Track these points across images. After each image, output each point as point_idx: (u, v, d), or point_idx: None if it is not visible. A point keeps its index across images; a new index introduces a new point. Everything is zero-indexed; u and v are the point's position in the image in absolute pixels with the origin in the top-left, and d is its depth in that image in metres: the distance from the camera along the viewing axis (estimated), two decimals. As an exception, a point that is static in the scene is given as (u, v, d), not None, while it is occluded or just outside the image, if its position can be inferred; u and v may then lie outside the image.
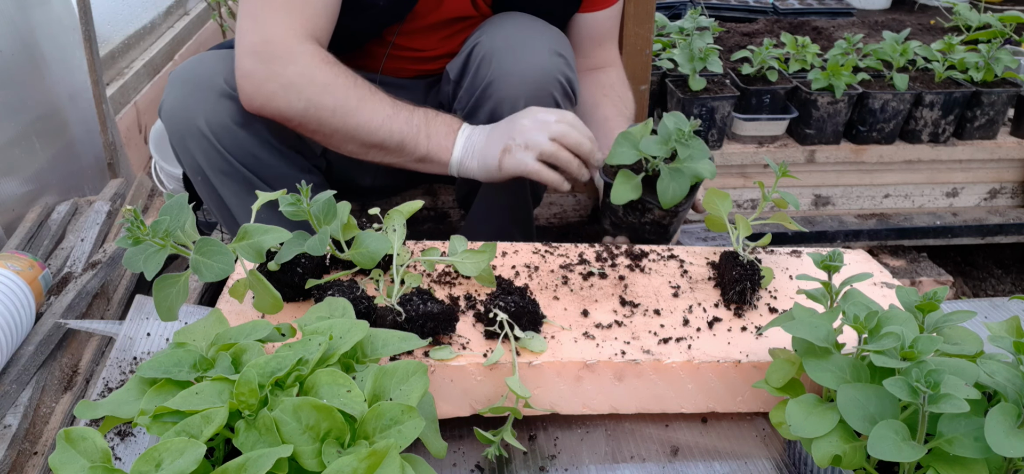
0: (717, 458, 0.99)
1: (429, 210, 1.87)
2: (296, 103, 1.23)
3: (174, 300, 0.90)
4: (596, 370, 0.98)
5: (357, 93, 1.25)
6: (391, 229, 1.06)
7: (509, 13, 1.45)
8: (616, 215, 1.32)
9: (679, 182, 1.21)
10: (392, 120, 1.26)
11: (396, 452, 0.66)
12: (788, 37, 2.16)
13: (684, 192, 1.21)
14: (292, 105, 1.23)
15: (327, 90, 1.23)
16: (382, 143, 1.27)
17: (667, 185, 1.21)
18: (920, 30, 3.09)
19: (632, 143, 1.24)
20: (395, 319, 0.95)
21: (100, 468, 0.66)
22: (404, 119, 1.27)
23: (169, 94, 1.32)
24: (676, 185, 1.21)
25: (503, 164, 1.26)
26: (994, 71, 2.02)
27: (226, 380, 0.74)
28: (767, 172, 2.02)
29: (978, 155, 2.08)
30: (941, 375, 0.72)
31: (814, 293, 0.99)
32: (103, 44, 2.19)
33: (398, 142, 1.27)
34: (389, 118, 1.26)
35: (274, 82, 1.22)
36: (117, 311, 1.41)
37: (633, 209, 1.29)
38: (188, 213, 0.89)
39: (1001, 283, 2.26)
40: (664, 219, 1.29)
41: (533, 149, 1.24)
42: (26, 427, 1.10)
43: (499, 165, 1.26)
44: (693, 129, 1.21)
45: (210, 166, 1.34)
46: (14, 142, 1.69)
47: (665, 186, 1.21)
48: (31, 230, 1.59)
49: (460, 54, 1.46)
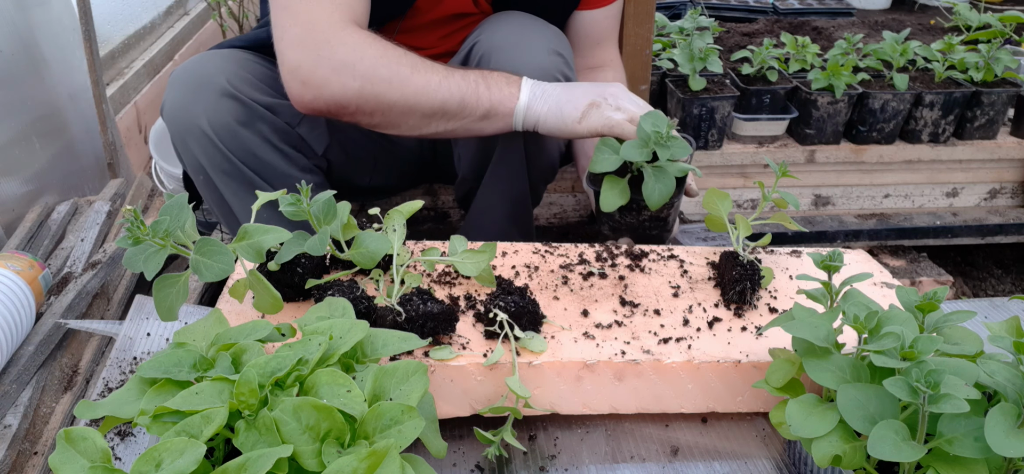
0: (717, 458, 0.99)
1: (429, 210, 1.87)
2: (351, 83, 1.19)
3: (174, 300, 0.90)
4: (596, 370, 0.98)
5: (409, 60, 1.21)
6: (391, 229, 1.06)
7: (508, 12, 1.45)
8: (613, 219, 1.32)
9: (664, 182, 1.21)
10: (448, 79, 1.22)
11: (396, 452, 0.66)
12: (788, 37, 2.16)
13: (670, 190, 1.21)
14: (347, 86, 1.19)
15: (380, 62, 1.19)
16: (442, 105, 1.23)
17: (652, 187, 1.21)
18: (920, 30, 3.09)
19: (613, 149, 1.23)
20: (395, 319, 0.95)
21: (100, 468, 0.66)
22: (459, 76, 1.23)
23: (170, 94, 1.32)
24: (661, 185, 1.21)
25: (588, 116, 1.23)
26: (994, 71, 2.02)
27: (226, 380, 0.74)
28: (767, 172, 2.02)
29: (978, 155, 2.08)
30: (941, 375, 0.72)
31: (814, 293, 0.99)
32: (103, 44, 2.19)
33: (458, 101, 1.23)
34: (445, 77, 1.22)
35: (325, 66, 1.18)
36: (117, 311, 1.41)
37: (627, 210, 1.29)
38: (188, 213, 0.89)
39: (1001, 283, 2.26)
40: (661, 212, 1.29)
41: (625, 113, 1.23)
42: (26, 427, 1.10)
43: (582, 115, 1.23)
44: (671, 128, 1.21)
45: (212, 166, 1.34)
46: (14, 142, 1.69)
47: (651, 188, 1.21)
48: (31, 230, 1.59)
49: (459, 53, 1.46)
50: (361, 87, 1.19)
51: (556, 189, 1.89)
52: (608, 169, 1.23)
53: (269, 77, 1.40)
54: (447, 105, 1.23)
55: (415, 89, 1.21)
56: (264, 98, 1.34)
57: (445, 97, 1.23)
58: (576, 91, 1.25)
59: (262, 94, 1.34)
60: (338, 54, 1.18)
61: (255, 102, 1.32)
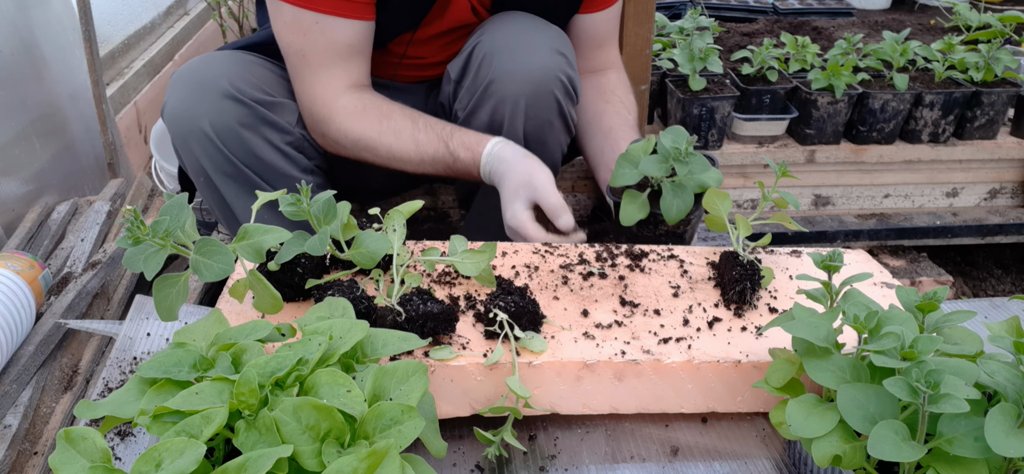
0: (717, 458, 0.99)
1: (429, 210, 1.87)
2: (345, 148, 1.40)
3: (174, 300, 0.90)
4: (596, 370, 0.98)
5: (385, 143, 1.38)
6: (391, 229, 1.06)
7: (510, 13, 1.45)
8: (630, 233, 1.32)
9: (683, 197, 1.21)
10: (421, 166, 1.39)
11: (396, 452, 0.66)
12: (788, 37, 2.16)
13: (688, 206, 1.21)
14: (344, 149, 1.41)
15: (360, 144, 1.38)
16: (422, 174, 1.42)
17: (670, 202, 1.21)
18: (920, 30, 3.09)
19: (633, 163, 1.24)
20: (395, 319, 0.95)
21: (100, 468, 0.66)
22: (430, 165, 1.39)
23: (172, 95, 1.32)
24: (680, 201, 1.21)
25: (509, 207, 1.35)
26: (994, 71, 2.02)
27: (226, 380, 0.74)
28: (767, 172, 2.02)
29: (978, 155, 2.08)
30: (941, 375, 0.72)
31: (814, 293, 0.99)
32: (103, 44, 2.19)
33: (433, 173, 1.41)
34: (418, 165, 1.39)
35: (325, 138, 1.41)
36: (117, 311, 1.41)
37: (645, 225, 1.29)
38: (188, 213, 0.89)
39: (1001, 283, 2.26)
40: (678, 228, 1.29)
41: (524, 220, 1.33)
42: (26, 427, 1.10)
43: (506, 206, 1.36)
44: (691, 145, 1.21)
45: (213, 167, 1.34)
46: (14, 142, 1.69)
47: (669, 203, 1.22)
48: (31, 230, 1.59)
49: (461, 54, 1.46)
50: (354, 153, 1.41)
51: (556, 189, 1.89)
52: (628, 183, 1.24)
53: (271, 79, 1.40)
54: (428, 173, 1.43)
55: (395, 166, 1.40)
56: (266, 99, 1.34)
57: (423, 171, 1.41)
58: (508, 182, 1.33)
59: (264, 95, 1.34)
60: (330, 131, 1.39)
61: (257, 104, 1.32)
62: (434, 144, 1.36)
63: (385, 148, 1.37)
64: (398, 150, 1.37)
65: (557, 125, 1.41)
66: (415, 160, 1.38)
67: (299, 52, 1.34)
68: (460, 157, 1.36)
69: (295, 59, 1.35)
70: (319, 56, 1.33)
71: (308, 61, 1.34)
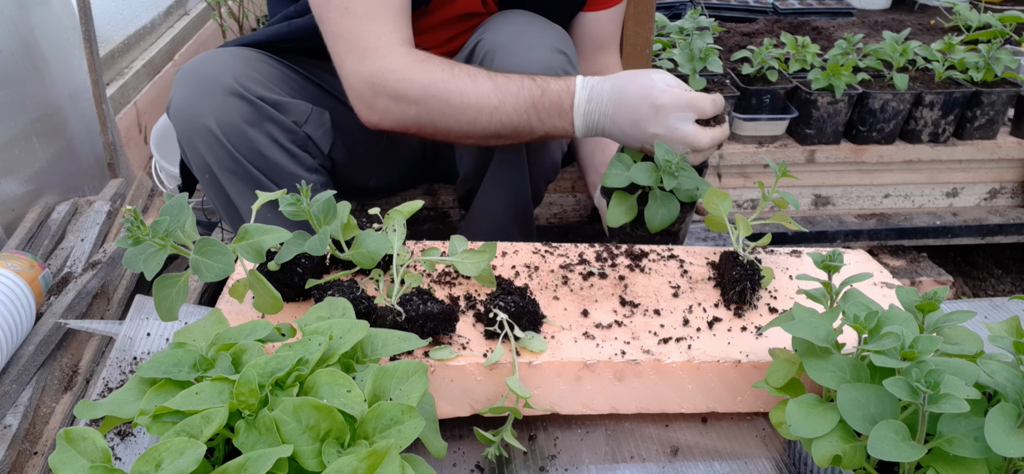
0: (717, 458, 0.99)
1: (429, 210, 1.87)
2: (408, 110, 1.25)
3: (174, 300, 0.90)
4: (596, 370, 0.98)
5: (458, 86, 1.23)
6: (391, 229, 1.06)
7: (513, 11, 1.45)
8: (623, 233, 1.32)
9: (668, 207, 1.22)
10: (499, 111, 1.24)
11: (396, 452, 0.66)
12: (788, 37, 2.16)
13: (673, 216, 1.23)
14: (406, 114, 1.25)
15: (429, 90, 1.23)
16: (496, 133, 1.27)
17: (655, 211, 1.23)
18: (920, 30, 3.09)
19: (626, 165, 1.24)
20: (395, 319, 0.95)
21: (100, 468, 0.66)
22: (511, 108, 1.24)
23: (177, 91, 1.32)
24: (664, 210, 1.23)
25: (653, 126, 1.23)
26: (994, 71, 2.02)
27: (226, 380, 0.74)
28: (767, 172, 2.02)
29: (978, 155, 2.08)
30: (941, 375, 0.72)
31: (814, 293, 0.99)
32: (103, 44, 2.19)
33: (511, 131, 1.27)
34: (495, 109, 1.24)
35: (383, 97, 1.24)
36: (117, 311, 1.41)
37: (638, 224, 1.29)
38: (188, 213, 0.89)
39: (1001, 283, 2.26)
40: (673, 227, 1.30)
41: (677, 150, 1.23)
42: (26, 427, 1.10)
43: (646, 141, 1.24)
44: (683, 160, 1.21)
45: (218, 164, 1.34)
46: (14, 142, 1.69)
47: (653, 212, 1.23)
48: (31, 230, 1.59)
49: (463, 50, 1.46)
50: (417, 115, 1.25)
51: (556, 189, 1.89)
52: (618, 185, 1.24)
53: (276, 76, 1.40)
54: (502, 133, 1.27)
55: (468, 119, 1.25)
56: (271, 97, 1.34)
57: (497, 128, 1.26)
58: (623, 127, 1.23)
59: (269, 93, 1.34)
60: (391, 84, 1.23)
61: (263, 101, 1.32)
62: (516, 80, 1.25)
63: (458, 93, 1.23)
64: (473, 93, 1.23)
65: (558, 125, 1.41)
66: (494, 102, 1.23)
67: (341, 6, 1.24)
68: (550, 86, 1.25)
69: (336, 16, 1.25)
70: (364, 7, 1.24)
71: (352, 12, 1.24)
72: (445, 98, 1.23)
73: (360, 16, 1.24)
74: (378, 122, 1.28)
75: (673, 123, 1.20)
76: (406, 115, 1.25)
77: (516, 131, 1.27)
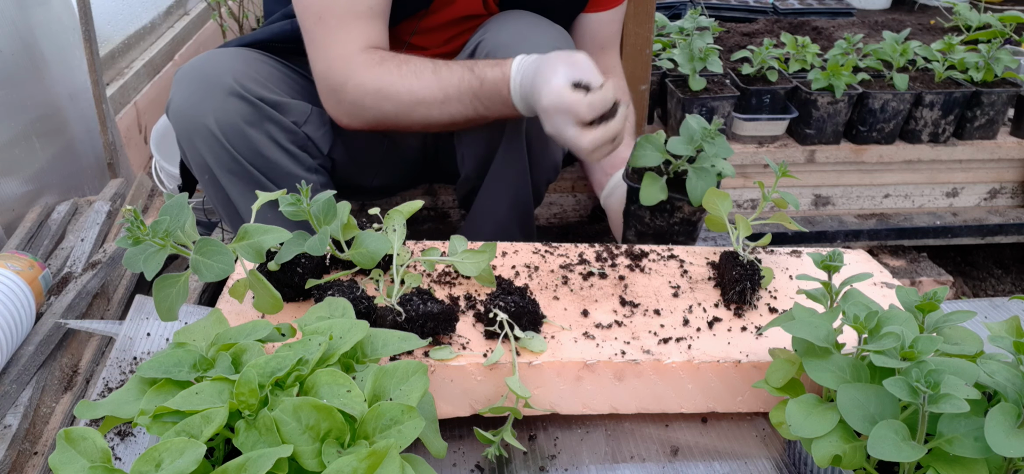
0: (717, 458, 0.99)
1: (429, 210, 1.87)
2: (367, 114, 1.32)
3: (174, 300, 0.90)
4: (596, 370, 0.98)
5: (406, 86, 1.29)
6: (391, 229, 1.06)
7: (514, 11, 1.46)
8: (642, 222, 1.33)
9: (706, 179, 1.24)
10: (446, 105, 1.30)
11: (396, 452, 0.66)
12: (788, 37, 2.16)
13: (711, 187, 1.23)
14: (366, 118, 1.33)
15: (380, 94, 1.29)
16: (451, 121, 1.32)
17: (695, 183, 1.24)
18: (920, 30, 3.09)
19: (655, 146, 1.26)
20: (395, 319, 0.95)
21: (100, 468, 0.66)
22: (456, 100, 1.29)
23: (177, 91, 1.32)
24: (703, 182, 1.24)
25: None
26: (994, 71, 2.02)
27: (226, 380, 0.74)
28: (767, 172, 2.02)
29: (978, 155, 2.08)
30: (941, 375, 0.72)
31: (814, 293, 0.99)
32: (103, 44, 2.19)
33: (464, 120, 1.32)
34: (443, 104, 1.30)
35: (345, 103, 1.32)
36: (117, 311, 1.41)
37: (661, 211, 1.31)
38: (188, 213, 0.89)
39: (1001, 283, 2.25)
40: (693, 216, 1.31)
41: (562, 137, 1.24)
42: (26, 427, 1.10)
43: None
44: (716, 128, 1.24)
45: (217, 164, 1.34)
46: (14, 142, 1.69)
47: (693, 184, 1.24)
48: (31, 230, 1.59)
49: (464, 51, 1.46)
50: (376, 116, 1.32)
51: (556, 189, 1.89)
52: (649, 164, 1.26)
53: (276, 76, 1.40)
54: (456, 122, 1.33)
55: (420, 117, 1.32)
56: (271, 97, 1.34)
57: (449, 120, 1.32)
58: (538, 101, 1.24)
59: (269, 93, 1.34)
60: (348, 91, 1.30)
61: (262, 101, 1.32)
62: (458, 73, 1.29)
63: (407, 91, 1.29)
64: (420, 90, 1.29)
65: (558, 124, 1.41)
66: (439, 97, 1.29)
67: (316, 14, 1.29)
68: (487, 76, 1.28)
69: (312, 22, 1.30)
70: (338, 16, 1.28)
71: (325, 22, 1.28)
72: (395, 98, 1.29)
73: (332, 27, 1.29)
74: (347, 124, 1.36)
75: (557, 123, 1.21)
76: (367, 116, 1.32)
77: (468, 119, 1.32)
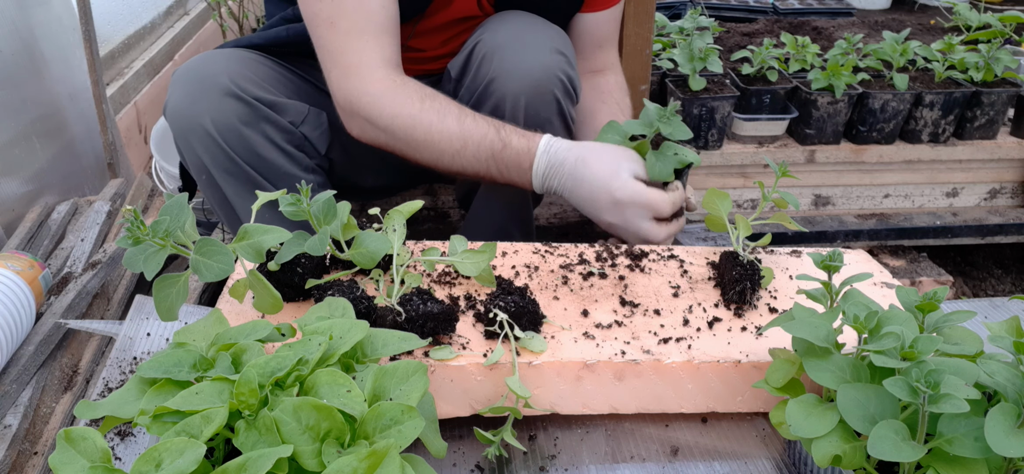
0: (717, 458, 0.99)
1: (429, 210, 1.87)
2: (379, 135, 1.30)
3: (174, 300, 0.90)
4: (596, 370, 0.98)
5: (424, 123, 1.27)
6: (391, 229, 1.06)
7: (511, 12, 1.45)
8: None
9: (664, 162, 1.27)
10: (461, 155, 1.28)
11: (396, 452, 0.66)
12: (788, 37, 2.16)
13: (669, 171, 1.27)
14: (377, 137, 1.31)
15: (396, 121, 1.27)
16: (460, 172, 1.31)
17: (654, 163, 1.27)
18: (920, 30, 3.09)
19: (618, 131, 1.32)
20: (395, 319, 0.95)
21: (100, 468, 0.66)
22: (472, 155, 1.27)
23: (174, 92, 1.32)
24: (662, 164, 1.27)
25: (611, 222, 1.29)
26: (994, 71, 2.02)
27: (226, 380, 0.74)
28: (767, 172, 2.02)
29: (978, 155, 2.08)
30: (941, 375, 0.72)
31: (814, 293, 0.99)
32: (103, 44, 2.19)
33: (473, 174, 1.31)
34: (457, 154, 1.27)
35: (358, 116, 1.30)
36: (117, 311, 1.41)
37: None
38: (188, 213, 0.89)
39: (1001, 283, 2.25)
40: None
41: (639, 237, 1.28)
42: (26, 427, 1.10)
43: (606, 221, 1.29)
44: (674, 110, 1.27)
45: (215, 165, 1.34)
46: (14, 142, 1.69)
47: (652, 164, 1.28)
48: (31, 230, 1.59)
49: (461, 52, 1.46)
50: (386, 141, 1.31)
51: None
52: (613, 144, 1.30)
53: (272, 77, 1.40)
54: (465, 173, 1.32)
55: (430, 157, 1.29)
56: (268, 97, 1.34)
57: (459, 171, 1.31)
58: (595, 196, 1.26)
59: (266, 94, 1.34)
60: (364, 108, 1.28)
61: (259, 102, 1.32)
62: (483, 127, 1.27)
63: (423, 130, 1.26)
64: (438, 133, 1.26)
65: (557, 124, 1.42)
66: (457, 143, 1.26)
67: (327, 20, 1.27)
68: (512, 141, 1.26)
69: (323, 30, 1.28)
70: (349, 22, 1.26)
71: (337, 27, 1.27)
72: (410, 133, 1.27)
73: (344, 31, 1.27)
74: (358, 136, 1.34)
75: (630, 217, 1.25)
76: (377, 138, 1.31)
77: (478, 175, 1.31)
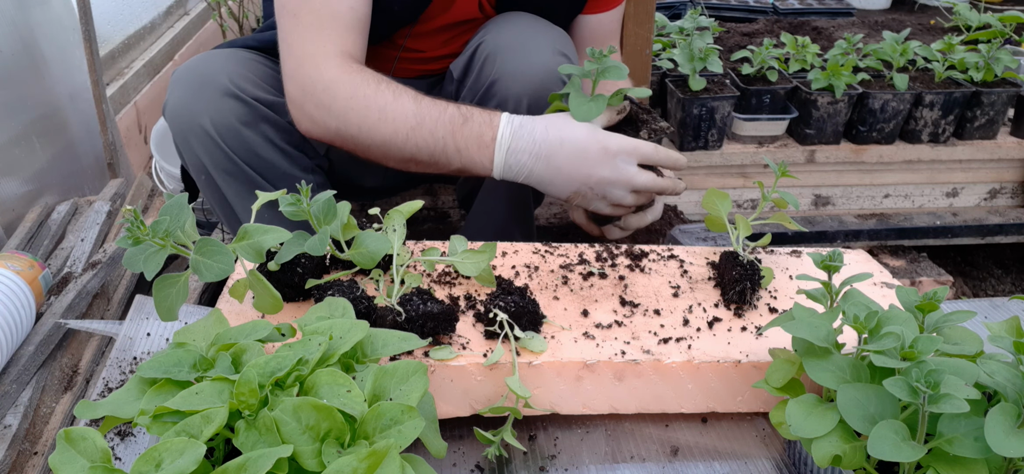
0: (717, 458, 0.99)
1: (429, 210, 1.87)
2: (330, 123, 1.23)
3: (174, 300, 0.90)
4: (596, 370, 0.98)
5: (378, 103, 1.21)
6: (391, 229, 1.06)
7: (513, 13, 1.46)
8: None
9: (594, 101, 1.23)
10: (416, 132, 1.22)
11: (396, 452, 0.66)
12: (788, 37, 2.16)
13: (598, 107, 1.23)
14: (328, 127, 1.24)
15: (350, 104, 1.21)
16: (413, 157, 1.24)
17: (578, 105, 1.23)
18: (920, 30, 3.09)
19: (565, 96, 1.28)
20: (395, 319, 0.95)
21: (100, 468, 0.66)
22: (428, 131, 1.22)
23: (173, 93, 1.32)
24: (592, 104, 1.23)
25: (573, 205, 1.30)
26: (994, 71, 2.02)
27: (226, 380, 0.74)
28: (767, 172, 2.02)
29: (978, 155, 2.08)
30: (941, 375, 0.72)
31: (814, 293, 0.99)
32: (103, 44, 2.19)
33: (428, 156, 1.24)
34: (413, 131, 1.22)
35: (309, 105, 1.24)
36: (117, 311, 1.41)
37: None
38: (188, 213, 0.89)
39: (1001, 283, 2.25)
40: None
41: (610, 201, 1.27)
42: (26, 427, 1.10)
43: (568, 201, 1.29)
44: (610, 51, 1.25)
45: (214, 165, 1.34)
46: (14, 142, 1.69)
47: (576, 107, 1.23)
48: (31, 230, 1.59)
49: (463, 53, 1.46)
50: (338, 129, 1.24)
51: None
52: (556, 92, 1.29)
53: (271, 77, 1.40)
54: (418, 157, 1.25)
55: (382, 139, 1.23)
56: (267, 98, 1.34)
57: (413, 152, 1.24)
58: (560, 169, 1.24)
59: (265, 94, 1.34)
60: (317, 96, 1.22)
61: (258, 102, 1.32)
62: (442, 105, 1.23)
63: (378, 109, 1.20)
64: (392, 110, 1.21)
65: (558, 125, 1.41)
66: (412, 121, 1.21)
67: (291, 12, 1.24)
68: (473, 117, 1.22)
69: (286, 20, 1.25)
70: (312, 16, 1.23)
71: (299, 19, 1.23)
72: (364, 113, 1.21)
73: (306, 25, 1.24)
74: (308, 130, 1.27)
75: (620, 164, 1.24)
76: (329, 127, 1.24)
77: (432, 156, 1.24)
